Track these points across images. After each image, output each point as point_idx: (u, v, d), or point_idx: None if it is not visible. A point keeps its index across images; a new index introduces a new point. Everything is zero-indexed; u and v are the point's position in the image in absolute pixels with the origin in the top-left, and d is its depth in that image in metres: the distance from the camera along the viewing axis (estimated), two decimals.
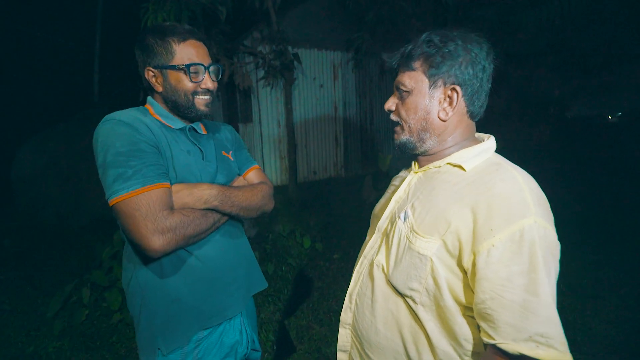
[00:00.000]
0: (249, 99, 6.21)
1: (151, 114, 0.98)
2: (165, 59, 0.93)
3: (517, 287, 0.60)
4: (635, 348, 2.09)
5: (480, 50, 0.73)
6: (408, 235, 0.74)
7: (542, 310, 0.59)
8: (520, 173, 0.70)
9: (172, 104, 0.97)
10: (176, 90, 0.95)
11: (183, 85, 0.94)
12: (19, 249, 4.10)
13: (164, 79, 0.94)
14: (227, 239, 1.03)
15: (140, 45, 0.94)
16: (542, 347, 0.58)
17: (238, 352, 1.05)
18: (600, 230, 3.91)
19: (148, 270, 0.93)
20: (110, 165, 0.82)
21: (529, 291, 0.60)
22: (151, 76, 0.95)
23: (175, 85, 0.94)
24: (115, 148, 0.83)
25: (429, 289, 0.71)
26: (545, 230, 0.63)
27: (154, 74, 0.95)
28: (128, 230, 0.82)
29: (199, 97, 0.97)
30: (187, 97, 0.96)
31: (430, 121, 0.76)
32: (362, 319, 0.85)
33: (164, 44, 0.92)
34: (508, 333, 0.60)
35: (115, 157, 0.82)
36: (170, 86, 0.95)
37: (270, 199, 1.12)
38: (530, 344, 0.59)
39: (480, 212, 0.65)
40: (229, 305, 1.01)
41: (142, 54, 0.95)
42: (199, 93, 0.97)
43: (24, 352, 2.28)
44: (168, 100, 0.97)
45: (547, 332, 0.59)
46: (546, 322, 0.59)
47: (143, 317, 0.95)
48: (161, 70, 0.93)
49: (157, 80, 0.95)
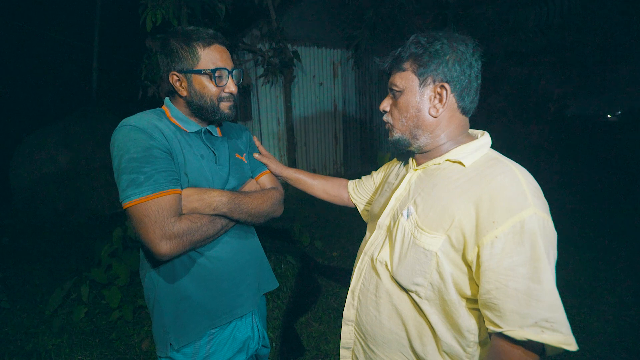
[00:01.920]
0: (249, 96, 6.20)
1: (168, 116, 0.99)
2: (190, 63, 0.94)
3: (521, 275, 0.63)
4: (632, 345, 2.11)
5: (466, 48, 0.76)
6: (412, 232, 0.76)
7: (546, 297, 0.61)
8: (517, 167, 0.72)
9: (197, 107, 0.98)
10: (202, 95, 0.96)
11: (208, 90, 0.96)
12: (18, 247, 4.10)
13: (189, 83, 0.95)
14: (238, 239, 1.05)
15: (165, 49, 0.95)
16: (547, 331, 0.60)
17: (250, 347, 1.08)
18: (598, 227, 3.93)
19: (159, 268, 0.96)
20: (125, 170, 0.85)
21: (532, 279, 0.62)
22: (175, 80, 0.96)
23: (200, 90, 0.96)
24: (129, 154, 0.85)
25: (434, 284, 0.73)
26: (544, 221, 0.65)
27: (178, 78, 0.96)
28: (138, 234, 0.85)
29: (224, 102, 0.99)
30: (212, 102, 0.97)
31: (422, 118, 0.79)
32: (366, 315, 0.86)
33: (189, 48, 0.93)
34: (514, 320, 0.62)
35: (129, 163, 0.85)
36: (195, 91, 0.96)
37: (279, 205, 1.13)
38: (535, 329, 0.61)
39: (482, 205, 0.67)
40: (239, 304, 1.03)
41: (166, 59, 0.96)
42: (223, 99, 0.99)
43: (23, 349, 2.28)
44: (192, 104, 0.98)
45: (552, 317, 0.61)
46: (550, 308, 0.61)
47: (156, 312, 0.98)
48: (186, 74, 0.95)
49: (181, 85, 0.96)
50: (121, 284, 2.75)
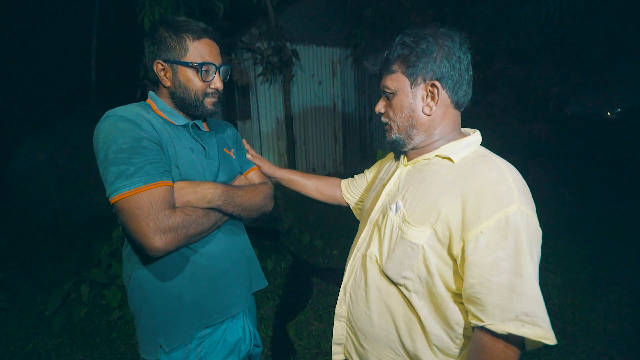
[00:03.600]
0: (247, 95, 6.18)
1: (154, 109, 0.96)
2: (177, 54, 0.91)
3: (504, 270, 0.63)
4: (632, 343, 2.11)
5: (452, 42, 0.75)
6: (400, 226, 0.76)
7: (528, 292, 0.62)
8: (505, 164, 0.73)
9: (179, 100, 0.95)
10: (186, 88, 0.93)
11: (193, 84, 0.93)
12: (17, 247, 4.09)
13: (174, 74, 0.93)
14: (229, 236, 1.02)
15: (152, 37, 0.92)
16: (527, 325, 0.61)
17: (241, 349, 1.06)
18: (598, 226, 3.92)
19: (148, 268, 0.92)
20: (112, 162, 0.80)
21: (515, 274, 0.63)
22: (160, 69, 0.93)
23: (184, 83, 0.93)
24: (117, 145, 0.81)
25: (422, 277, 0.73)
26: (528, 217, 0.66)
27: (163, 67, 0.93)
28: (129, 229, 0.80)
29: (209, 97, 0.97)
30: (197, 97, 0.95)
31: (416, 118, 0.80)
32: (356, 311, 0.86)
33: (178, 39, 0.90)
34: (495, 314, 0.63)
35: (117, 154, 0.80)
36: (179, 82, 0.93)
37: (270, 199, 1.11)
38: (516, 323, 0.62)
39: (469, 201, 0.68)
40: (232, 303, 1.01)
41: (152, 46, 0.92)
42: (208, 94, 0.96)
43: (23, 349, 2.28)
44: (175, 96, 0.95)
45: (532, 311, 0.61)
46: (531, 302, 0.62)
47: (144, 314, 0.94)
48: (172, 64, 0.92)
49: (165, 75, 0.93)
50: (121, 283, 2.74)
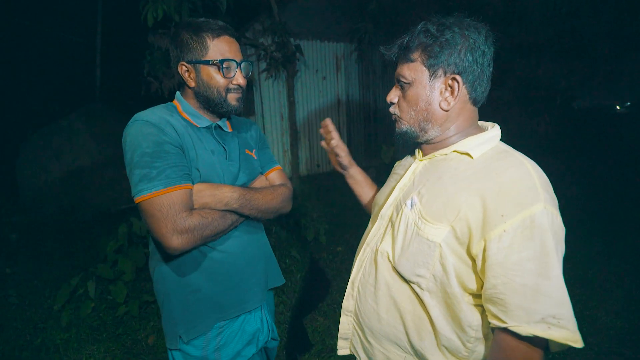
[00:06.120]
0: (251, 91, 6.17)
1: (179, 111, 0.99)
2: (199, 54, 0.94)
3: (529, 271, 0.61)
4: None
5: (478, 35, 0.72)
6: (416, 222, 0.74)
7: (555, 293, 0.60)
8: (528, 160, 0.71)
9: (204, 99, 0.98)
10: (209, 86, 0.96)
11: (215, 81, 0.96)
12: (26, 243, 4.15)
13: (197, 74, 0.96)
14: (247, 234, 1.05)
15: (175, 40, 0.96)
16: (554, 327, 0.59)
17: (259, 339, 1.09)
18: (607, 221, 3.87)
19: (168, 264, 0.97)
20: (137, 165, 0.86)
21: (541, 275, 0.61)
22: (184, 71, 0.97)
23: (207, 81, 0.96)
24: (141, 148, 0.86)
25: (437, 276, 0.71)
26: (553, 217, 0.63)
27: (187, 68, 0.96)
28: (150, 228, 0.87)
29: (231, 93, 0.99)
30: (219, 93, 0.97)
31: (432, 112, 0.76)
32: (364, 307, 0.85)
33: (198, 39, 0.94)
34: (520, 316, 0.61)
35: (141, 158, 0.86)
36: (203, 81, 0.96)
37: (289, 201, 1.14)
38: (542, 325, 0.60)
39: (490, 198, 0.65)
40: (248, 299, 1.05)
41: (176, 49, 0.96)
42: (231, 90, 0.98)
43: (32, 343, 2.32)
44: (200, 95, 0.98)
45: (559, 313, 0.59)
46: (558, 304, 0.60)
47: (165, 306, 0.99)
48: (194, 65, 0.95)
49: (189, 75, 0.97)
50: (127, 279, 2.77)
